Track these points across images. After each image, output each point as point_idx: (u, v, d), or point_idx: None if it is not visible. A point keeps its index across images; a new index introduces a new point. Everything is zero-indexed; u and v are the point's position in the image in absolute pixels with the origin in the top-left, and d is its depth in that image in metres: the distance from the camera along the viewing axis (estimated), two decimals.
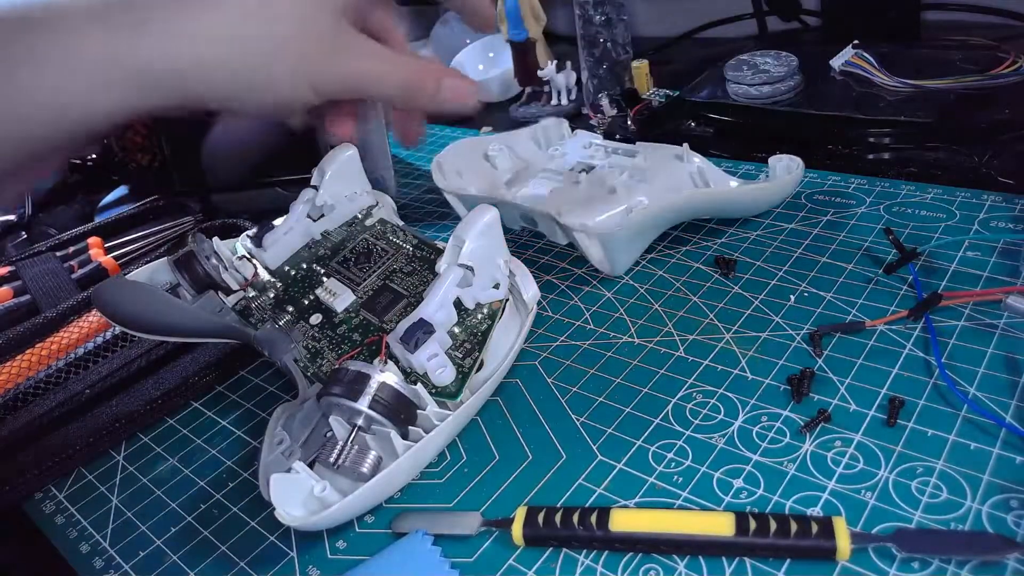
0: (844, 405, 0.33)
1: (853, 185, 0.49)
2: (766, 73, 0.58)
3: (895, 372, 0.34)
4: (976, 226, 0.43)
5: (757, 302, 0.41)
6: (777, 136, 0.56)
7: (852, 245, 0.44)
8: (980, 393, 0.32)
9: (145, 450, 0.40)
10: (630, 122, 0.63)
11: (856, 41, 0.60)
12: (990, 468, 0.29)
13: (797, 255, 0.44)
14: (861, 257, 0.43)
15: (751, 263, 0.44)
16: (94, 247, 0.54)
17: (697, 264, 0.45)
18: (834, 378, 0.35)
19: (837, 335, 0.37)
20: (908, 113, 0.52)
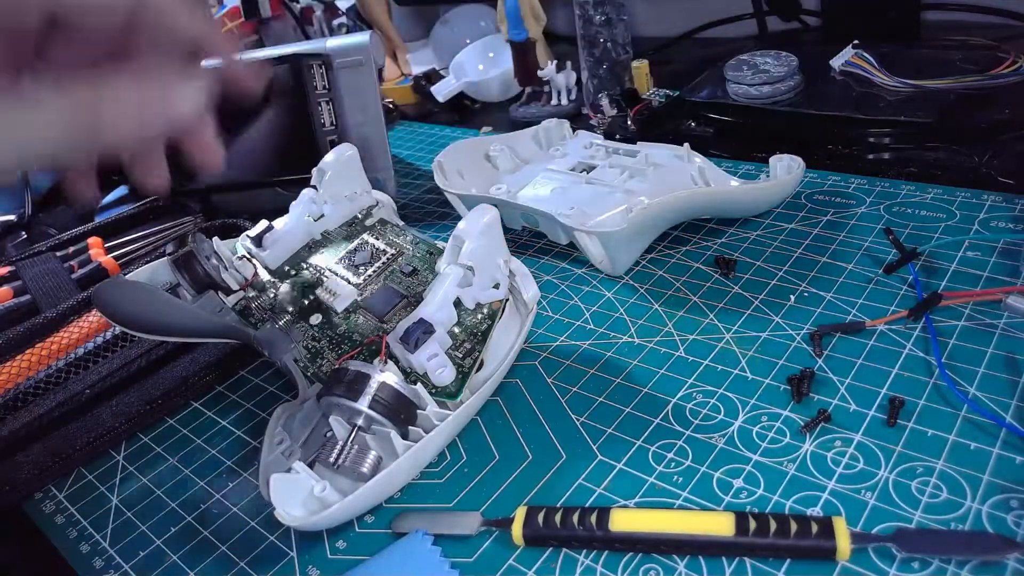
0: (844, 405, 0.33)
1: (853, 185, 0.50)
2: (766, 73, 0.58)
3: (895, 372, 0.34)
4: (976, 226, 0.43)
5: (757, 302, 0.41)
6: (777, 136, 0.56)
7: (852, 245, 0.44)
8: (980, 393, 0.32)
9: (145, 450, 0.40)
10: (630, 122, 0.63)
11: (856, 41, 0.60)
12: (990, 468, 0.29)
13: (797, 255, 0.44)
14: (861, 257, 0.43)
15: (751, 263, 0.44)
16: (94, 247, 0.54)
17: (697, 264, 0.45)
18: (834, 378, 0.35)
19: (837, 335, 0.37)
20: (908, 113, 0.52)
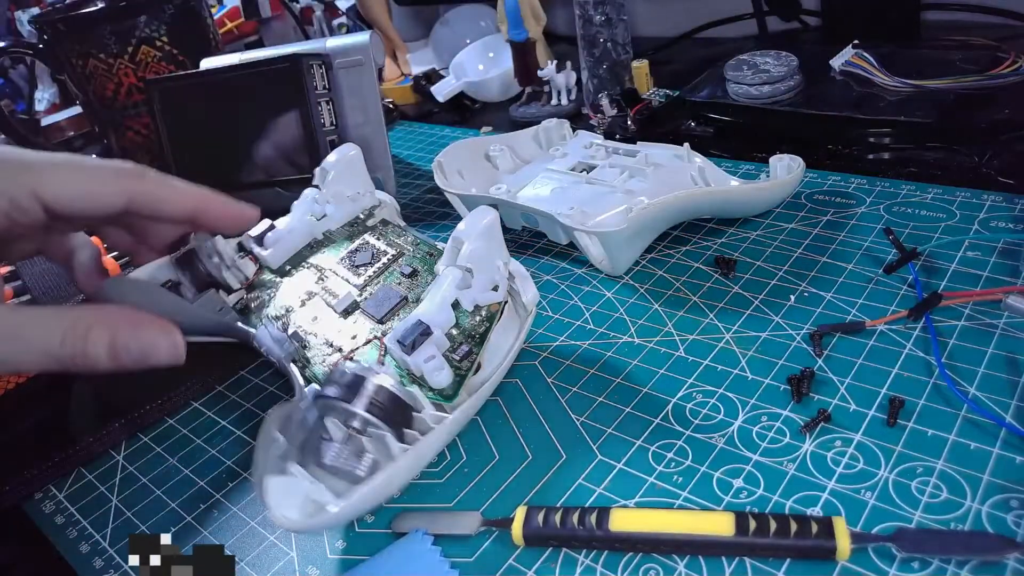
0: (844, 405, 0.33)
1: (853, 185, 0.50)
2: (766, 73, 0.58)
3: (895, 372, 0.34)
4: (976, 226, 0.43)
5: (757, 302, 0.41)
6: (777, 136, 0.56)
7: (852, 245, 0.44)
8: (980, 393, 0.32)
9: (145, 450, 0.40)
10: (630, 122, 0.63)
11: (856, 41, 0.60)
12: (990, 468, 0.29)
13: (797, 255, 0.44)
14: (861, 257, 0.43)
15: (751, 263, 0.44)
16: None
17: (697, 264, 0.45)
18: (834, 378, 0.35)
19: (837, 335, 0.37)
20: (908, 113, 0.52)
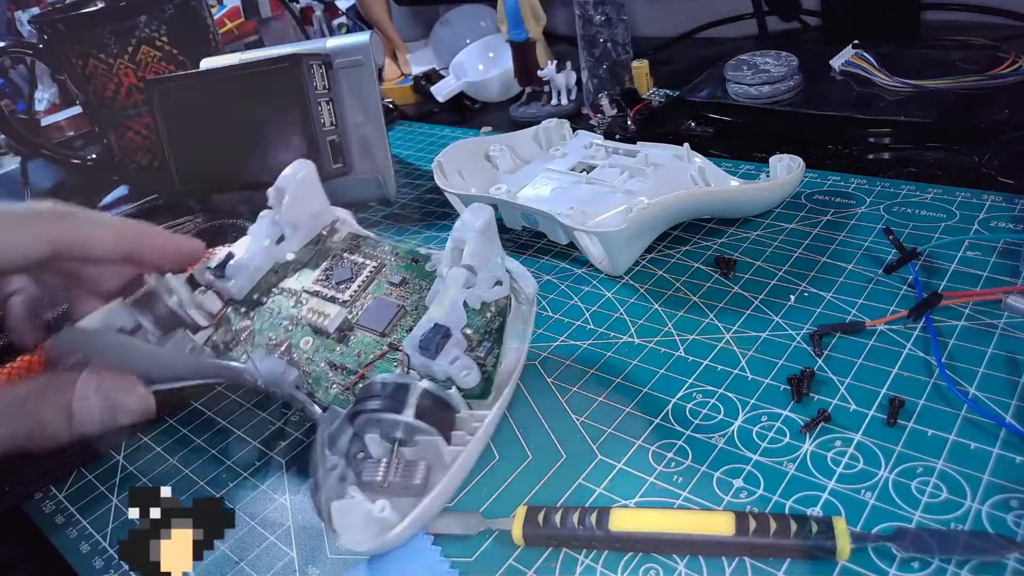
0: (844, 405, 0.33)
1: (853, 185, 0.50)
2: (766, 73, 0.58)
3: (895, 372, 0.34)
4: (976, 226, 0.43)
5: (757, 302, 0.41)
6: (777, 136, 0.56)
7: (852, 245, 0.44)
8: (980, 393, 0.32)
9: (145, 450, 0.40)
10: (630, 122, 0.63)
11: (856, 41, 0.60)
12: (990, 468, 0.29)
13: (797, 255, 0.44)
14: (861, 257, 0.43)
15: (751, 263, 0.44)
16: None
17: (697, 264, 0.45)
18: (834, 378, 0.35)
19: (837, 335, 0.37)
20: (908, 113, 0.52)
